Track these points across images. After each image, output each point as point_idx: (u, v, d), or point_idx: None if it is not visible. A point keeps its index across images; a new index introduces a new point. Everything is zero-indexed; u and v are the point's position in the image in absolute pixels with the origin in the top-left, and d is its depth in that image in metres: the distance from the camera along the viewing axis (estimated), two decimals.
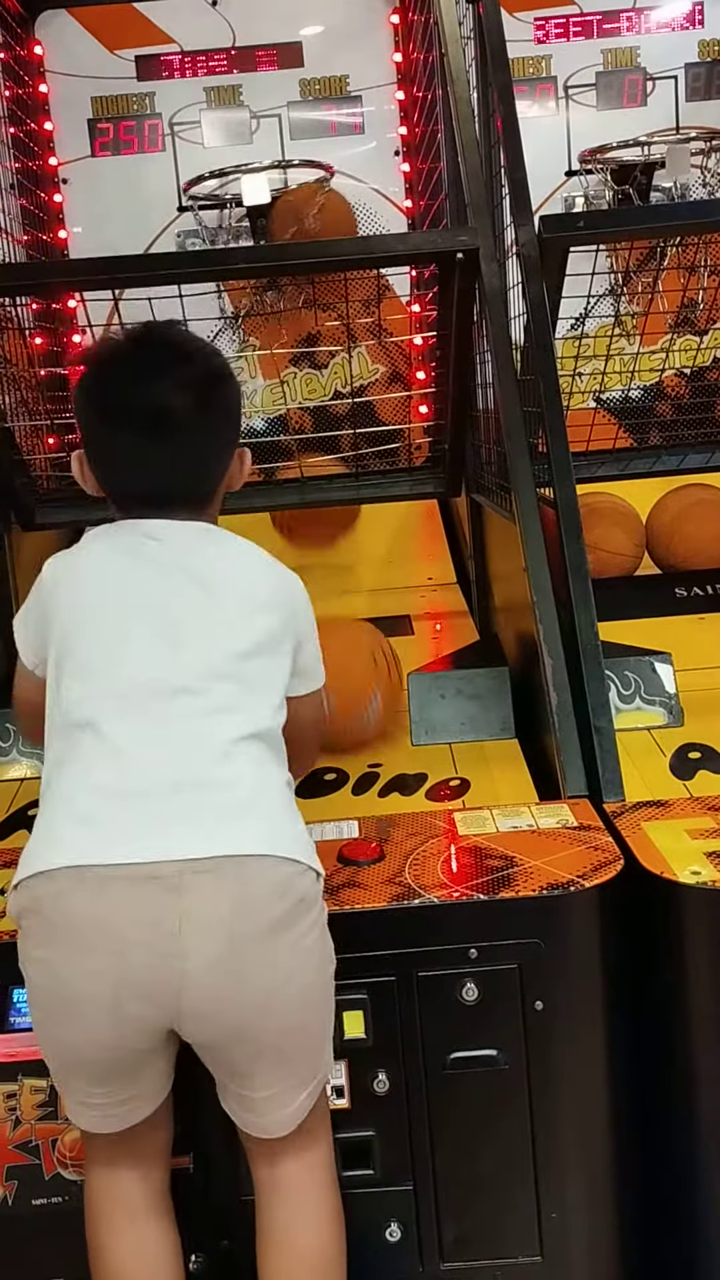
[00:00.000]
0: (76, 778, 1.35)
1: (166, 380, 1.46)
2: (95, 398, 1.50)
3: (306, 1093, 1.41)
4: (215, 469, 1.54)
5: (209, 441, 1.51)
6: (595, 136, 3.42)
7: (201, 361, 1.51)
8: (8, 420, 2.67)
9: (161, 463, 1.48)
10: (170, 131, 3.48)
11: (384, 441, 3.07)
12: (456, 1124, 1.60)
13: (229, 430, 1.54)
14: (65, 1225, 1.54)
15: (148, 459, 1.47)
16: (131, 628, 1.40)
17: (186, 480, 1.51)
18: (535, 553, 2.14)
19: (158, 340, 1.52)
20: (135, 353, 1.51)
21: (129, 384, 1.47)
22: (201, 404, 1.48)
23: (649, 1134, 1.66)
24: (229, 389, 1.54)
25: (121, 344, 1.53)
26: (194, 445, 1.49)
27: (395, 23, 3.49)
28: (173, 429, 1.46)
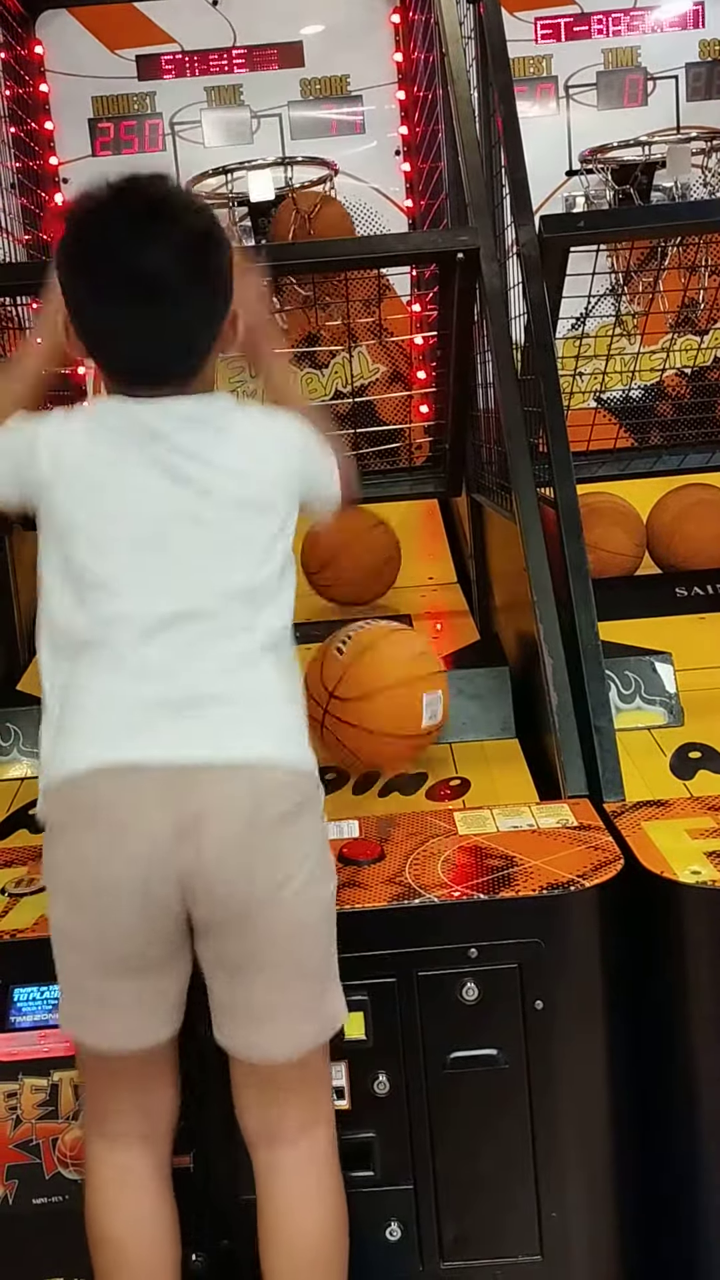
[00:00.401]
0: (94, 690, 1.39)
1: (151, 242, 1.37)
2: (76, 260, 1.42)
3: (307, 1026, 1.42)
4: (208, 337, 1.46)
5: (200, 308, 1.43)
6: (596, 136, 3.42)
7: (188, 219, 1.41)
8: None
9: (151, 333, 1.41)
10: (171, 131, 3.49)
11: (384, 441, 3.08)
12: (457, 1124, 1.61)
13: (221, 293, 1.45)
14: (65, 1224, 1.54)
15: (136, 329, 1.41)
16: (142, 553, 1.40)
17: (178, 351, 1.44)
18: (536, 552, 2.14)
19: (141, 196, 1.40)
20: (117, 210, 1.39)
21: (111, 247, 1.38)
22: (189, 267, 1.39)
23: (649, 1133, 1.66)
24: (218, 248, 1.43)
25: (103, 200, 1.40)
26: (185, 313, 1.41)
27: (396, 22, 3.50)
28: (160, 296, 1.38)
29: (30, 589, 2.99)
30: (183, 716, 1.37)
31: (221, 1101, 1.51)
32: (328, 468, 1.59)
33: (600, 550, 2.70)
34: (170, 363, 1.44)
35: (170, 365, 1.44)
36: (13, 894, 1.70)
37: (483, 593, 2.92)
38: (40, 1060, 1.57)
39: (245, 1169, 1.56)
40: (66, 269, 1.43)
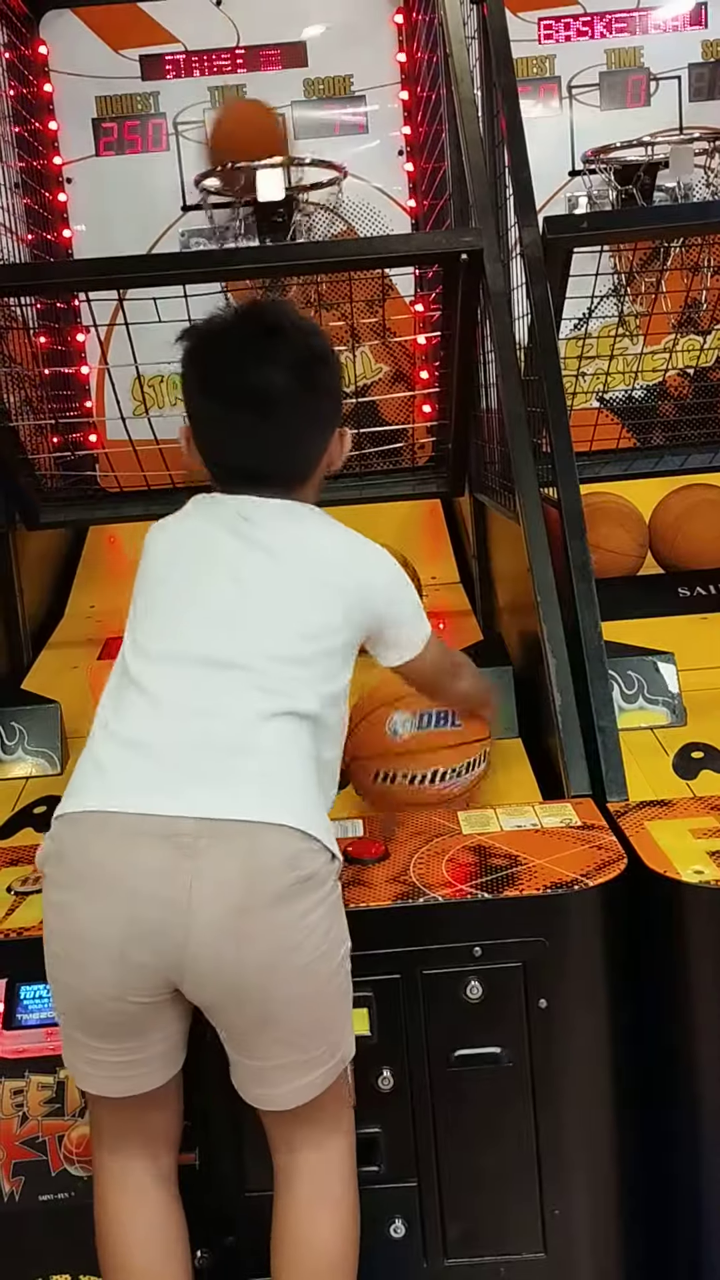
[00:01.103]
0: (115, 731, 1.41)
1: (268, 361, 1.48)
2: (199, 375, 1.53)
3: (319, 1073, 1.41)
4: (314, 449, 1.56)
5: (308, 422, 1.54)
6: (599, 136, 3.43)
7: (302, 341, 1.53)
8: (12, 419, 2.68)
9: (261, 442, 1.51)
10: (174, 131, 3.49)
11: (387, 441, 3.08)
12: (461, 1121, 1.61)
13: (329, 410, 1.56)
14: (71, 1221, 1.55)
15: (248, 438, 1.51)
16: (198, 598, 1.45)
17: (284, 459, 1.54)
18: (539, 552, 2.15)
19: (261, 319, 1.54)
20: (239, 331, 1.53)
21: (231, 364, 1.50)
22: (301, 384, 1.50)
23: (652, 1131, 1.66)
24: (329, 369, 1.55)
25: (227, 322, 1.54)
26: (293, 425, 1.52)
27: (399, 23, 3.50)
28: (273, 409, 1.49)
29: (33, 588, 3.02)
30: (196, 772, 1.36)
31: (225, 1099, 1.52)
32: (411, 613, 1.61)
33: (603, 550, 2.71)
34: (275, 468, 1.53)
35: (275, 471, 1.53)
36: (18, 892, 1.71)
37: (485, 592, 2.92)
38: (47, 1057, 1.58)
39: (249, 1166, 1.58)
40: (189, 383, 1.54)
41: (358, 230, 3.49)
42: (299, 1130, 1.45)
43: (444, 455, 2.94)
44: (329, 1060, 1.43)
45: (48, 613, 3.13)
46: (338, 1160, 1.47)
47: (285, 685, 1.41)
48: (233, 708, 1.39)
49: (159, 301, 2.32)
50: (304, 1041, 1.40)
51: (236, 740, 1.38)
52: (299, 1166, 1.45)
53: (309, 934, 1.37)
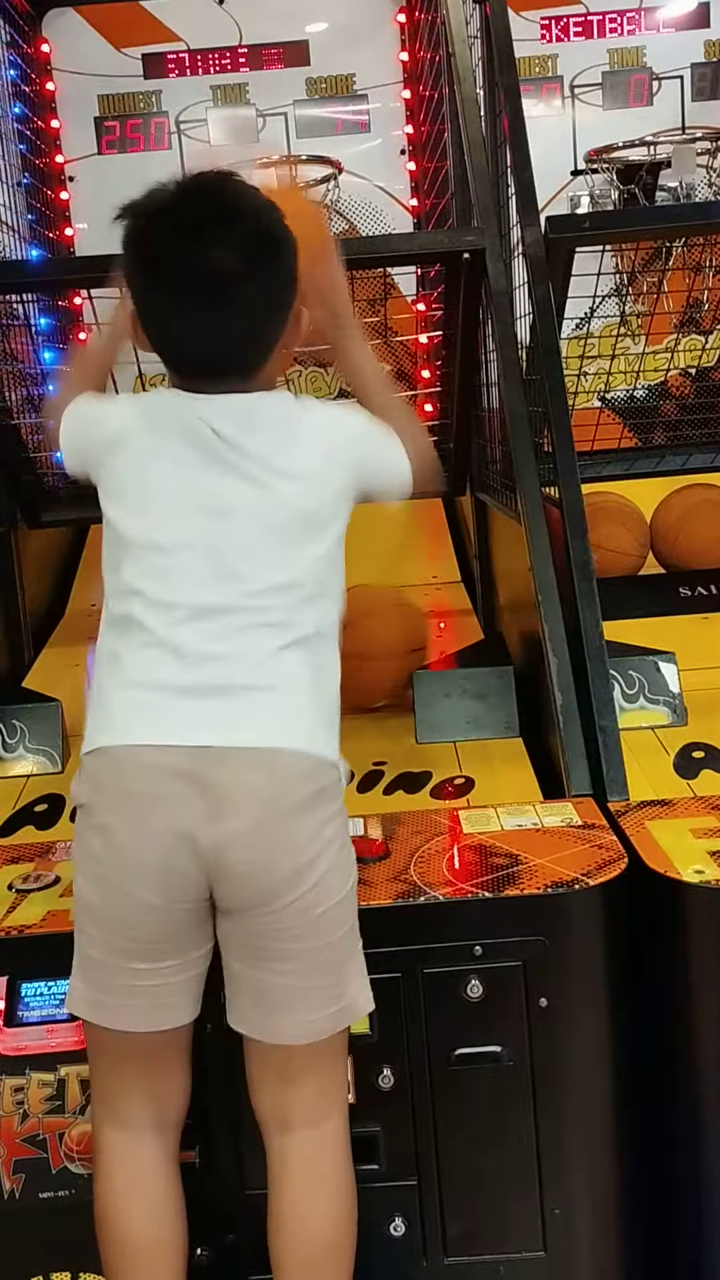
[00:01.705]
0: (131, 672, 1.43)
1: (218, 241, 1.40)
2: (141, 256, 1.45)
3: (323, 1014, 1.42)
4: (271, 333, 1.49)
5: (264, 306, 1.46)
6: (601, 136, 3.43)
7: (253, 218, 1.43)
8: (14, 417, 2.68)
9: (215, 329, 1.44)
10: (176, 129, 3.50)
11: None
12: (461, 1120, 1.61)
13: (285, 291, 1.48)
14: (72, 1218, 1.55)
15: (201, 324, 1.44)
16: (184, 544, 1.43)
17: (241, 345, 1.47)
18: (540, 552, 2.15)
19: (206, 194, 1.44)
20: (185, 209, 1.43)
21: (176, 244, 1.41)
22: (254, 266, 1.42)
23: (652, 1130, 1.67)
24: (283, 247, 1.46)
25: (170, 198, 1.44)
26: (248, 310, 1.44)
27: (402, 21, 3.50)
28: (225, 294, 1.41)
29: (35, 586, 3.02)
30: (209, 703, 1.40)
31: (227, 1097, 1.52)
32: (392, 452, 1.56)
33: (604, 550, 2.71)
34: (231, 359, 1.47)
35: (231, 362, 1.47)
36: (20, 890, 1.71)
37: (486, 592, 2.93)
38: (47, 1055, 1.58)
39: (250, 1163, 1.57)
40: (133, 267, 1.46)
41: (360, 229, 3.49)
42: (294, 1105, 1.45)
43: (445, 454, 2.94)
44: (334, 1002, 1.43)
45: (49, 611, 3.13)
46: (332, 1140, 1.47)
47: (286, 615, 1.43)
48: (243, 648, 1.42)
49: None
50: (315, 970, 1.41)
51: (252, 677, 1.41)
52: (293, 1146, 1.45)
53: (328, 844, 1.41)
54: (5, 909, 1.66)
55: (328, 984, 1.43)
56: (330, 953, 1.43)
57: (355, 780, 2.13)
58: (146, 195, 1.45)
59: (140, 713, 1.41)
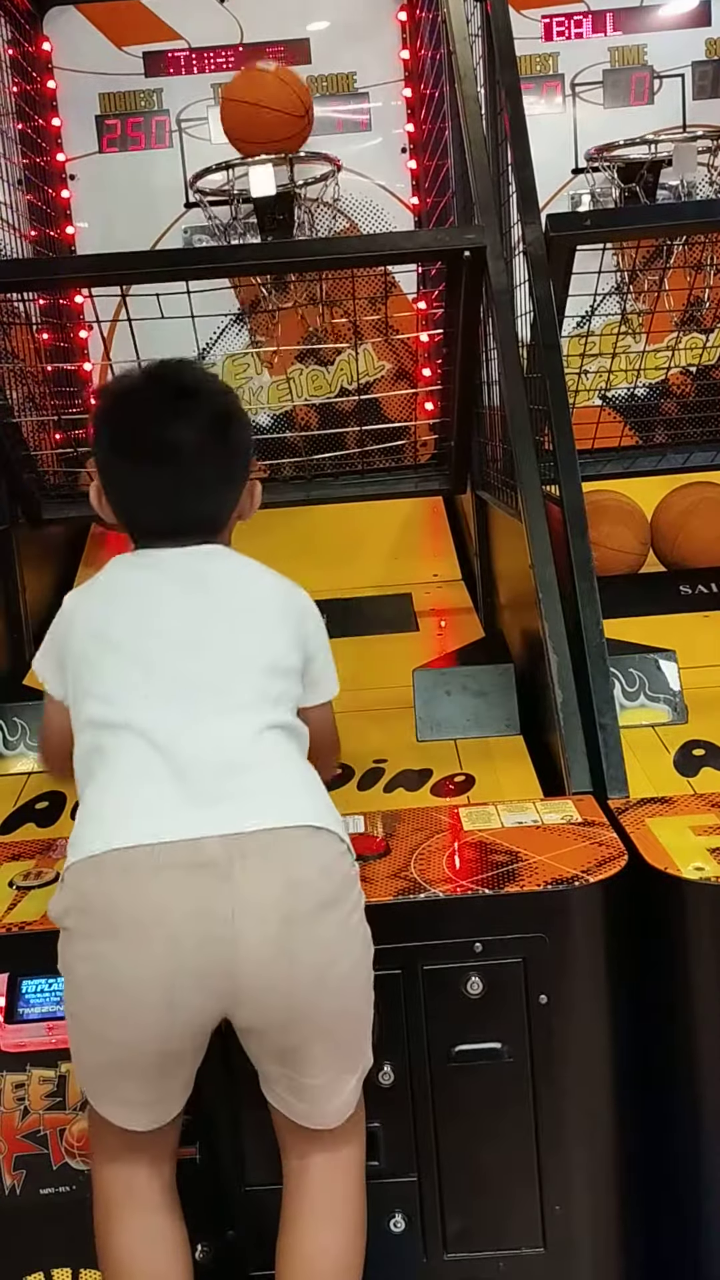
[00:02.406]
0: (116, 771, 1.39)
1: (181, 418, 1.52)
2: (111, 434, 1.56)
3: (354, 1081, 1.44)
4: (225, 503, 1.59)
5: (220, 478, 1.57)
6: (602, 134, 3.42)
7: (211, 401, 1.56)
8: (15, 415, 2.68)
9: (174, 497, 1.54)
10: (178, 128, 3.49)
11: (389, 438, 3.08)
12: (461, 1116, 1.62)
13: (239, 467, 1.60)
14: (72, 1214, 1.55)
15: (161, 493, 1.54)
16: (152, 640, 1.46)
17: (197, 514, 1.56)
18: (541, 550, 2.15)
19: (172, 379, 1.57)
20: (151, 391, 1.56)
21: (143, 423, 1.53)
22: (214, 440, 1.54)
23: (652, 1126, 1.67)
24: (239, 427, 1.59)
25: (136, 381, 1.58)
26: (205, 482, 1.55)
27: (403, 19, 3.49)
28: (185, 466, 1.52)
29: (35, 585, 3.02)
30: (209, 791, 1.36)
31: (227, 1094, 1.52)
32: (328, 661, 1.61)
33: (605, 548, 2.71)
34: (191, 523, 1.55)
35: (191, 525, 1.55)
36: (20, 887, 1.72)
37: (487, 590, 2.93)
38: (48, 1051, 1.59)
39: (250, 1160, 1.58)
40: (103, 443, 1.56)
41: (360, 227, 3.49)
42: (316, 1138, 1.45)
43: (446, 453, 2.94)
44: (360, 1069, 1.44)
45: (50, 609, 3.10)
46: (348, 1168, 1.46)
47: (263, 701, 1.45)
48: (224, 728, 1.41)
49: (162, 298, 2.32)
50: (347, 1050, 1.42)
51: (239, 758, 1.39)
52: (310, 1173, 1.45)
53: (352, 937, 1.40)
54: (6, 906, 1.67)
55: (353, 1063, 1.44)
56: (357, 1036, 1.44)
57: (356, 778, 2.13)
58: (115, 379, 1.60)
59: (121, 812, 1.37)
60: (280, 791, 1.40)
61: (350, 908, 1.40)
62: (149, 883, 1.30)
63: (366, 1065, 1.46)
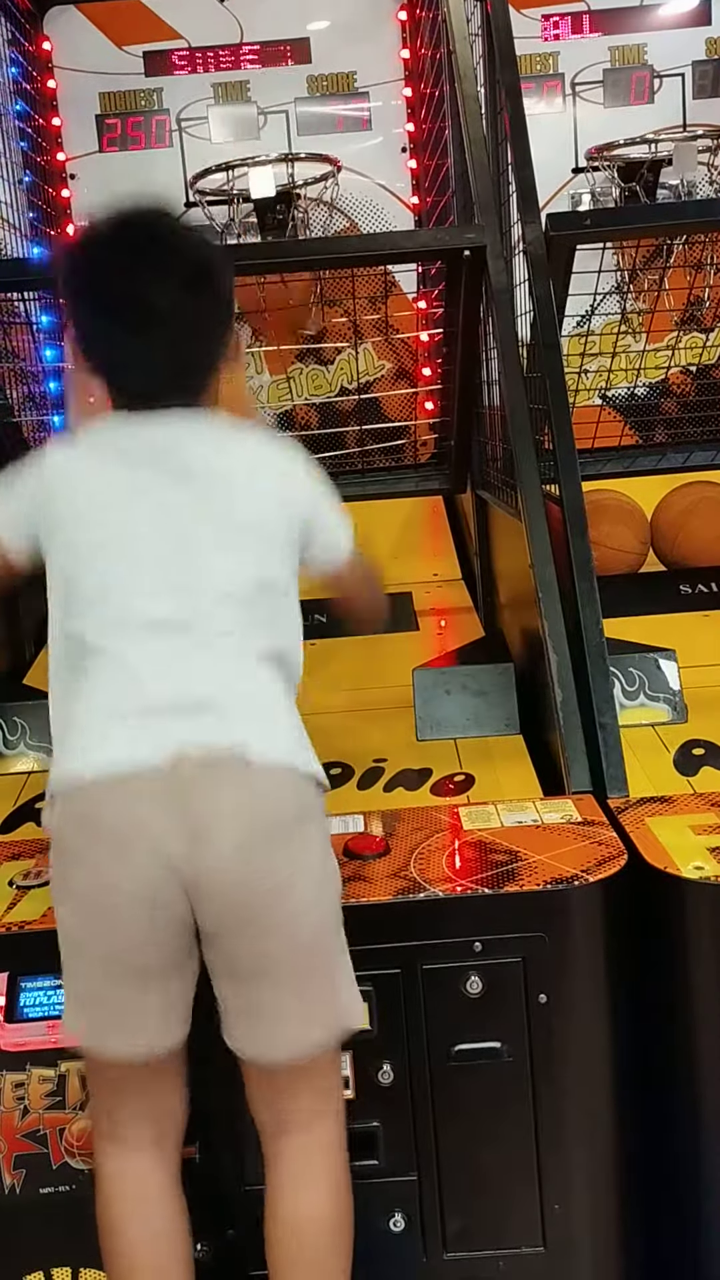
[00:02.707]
0: (94, 699, 1.41)
1: (159, 270, 1.43)
2: (82, 291, 1.48)
3: (317, 1028, 1.42)
4: (208, 360, 1.51)
5: (202, 334, 1.48)
6: (602, 134, 3.42)
7: (189, 250, 1.47)
8: (15, 415, 2.68)
9: (155, 356, 1.45)
10: (178, 127, 3.49)
11: (389, 438, 3.08)
12: (461, 1116, 1.62)
13: (222, 319, 1.51)
14: (72, 1213, 1.55)
15: (141, 352, 1.45)
16: (138, 559, 1.42)
17: (180, 373, 1.48)
18: (540, 549, 2.15)
19: (147, 227, 1.47)
20: (125, 241, 1.46)
21: (119, 279, 1.44)
22: (192, 295, 1.44)
23: (652, 1125, 1.67)
24: (221, 276, 1.49)
25: (105, 231, 1.47)
26: (186, 338, 1.46)
27: (403, 19, 3.50)
28: (163, 322, 1.43)
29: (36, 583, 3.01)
30: (181, 721, 1.37)
31: (226, 1092, 1.52)
32: (335, 517, 1.57)
33: (605, 547, 2.71)
34: (174, 383, 1.48)
35: (173, 386, 1.48)
36: (20, 886, 1.71)
37: (487, 589, 2.92)
38: (48, 1051, 1.59)
39: (250, 1159, 1.58)
40: (73, 299, 1.49)
41: (360, 226, 3.49)
42: (289, 1113, 1.45)
43: (446, 452, 2.94)
44: (327, 1015, 1.43)
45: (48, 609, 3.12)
46: (327, 1143, 1.46)
47: (240, 627, 1.42)
48: (201, 662, 1.40)
49: None
50: (305, 987, 1.41)
51: (217, 694, 1.39)
52: (288, 1151, 1.46)
53: (308, 862, 1.41)
54: (6, 905, 1.67)
55: (318, 998, 1.42)
56: (319, 965, 1.42)
57: (355, 777, 2.13)
58: (87, 228, 1.50)
59: (102, 742, 1.38)
60: (254, 724, 1.40)
61: (309, 835, 1.41)
62: (128, 800, 1.35)
63: (334, 1017, 1.44)
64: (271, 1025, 1.41)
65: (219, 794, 1.36)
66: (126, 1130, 1.46)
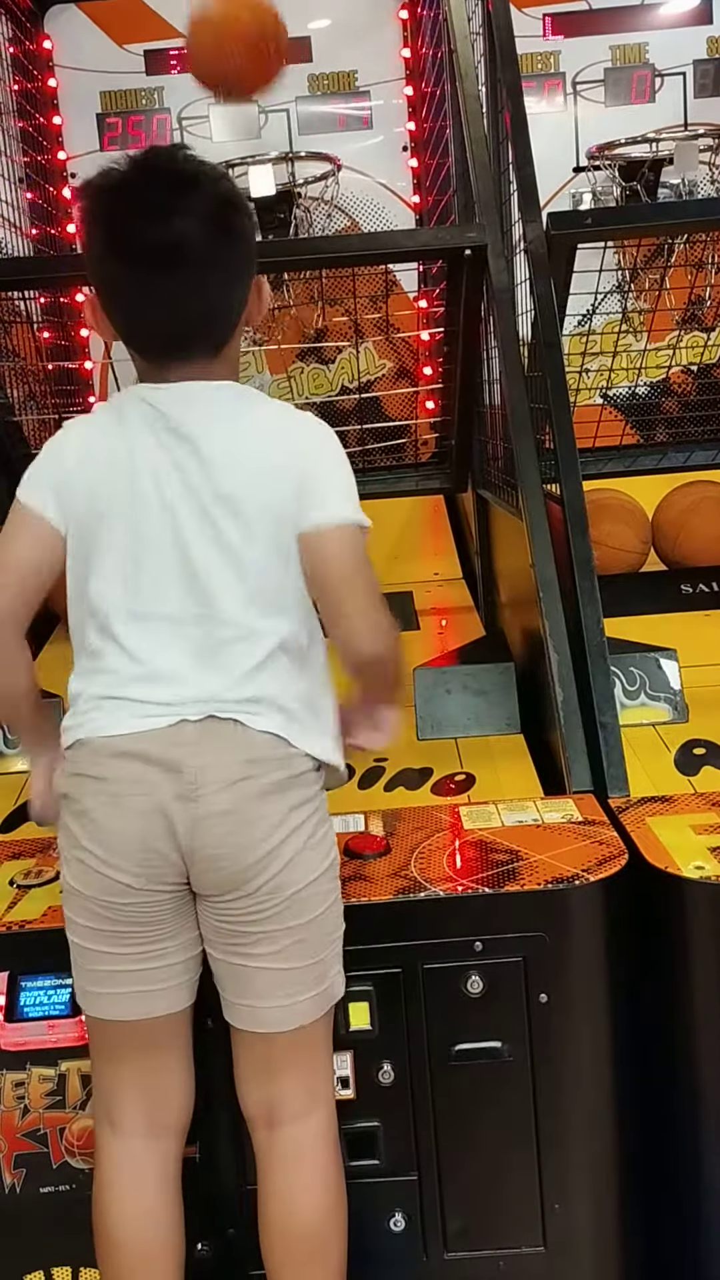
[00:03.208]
0: (105, 682, 1.44)
1: (178, 211, 1.38)
2: (102, 234, 1.43)
3: (305, 998, 1.43)
4: (233, 304, 1.46)
5: (225, 275, 1.43)
6: (603, 133, 3.42)
7: (210, 187, 1.41)
8: (15, 414, 2.68)
9: (177, 301, 1.41)
10: (178, 126, 3.49)
11: (390, 437, 3.08)
12: (461, 1115, 1.62)
13: (245, 260, 1.46)
14: (73, 1213, 1.55)
15: (161, 296, 1.41)
16: (150, 553, 1.42)
17: (204, 319, 1.44)
18: (541, 548, 2.15)
19: (166, 168, 1.43)
20: (143, 182, 1.42)
21: (138, 218, 1.39)
22: (216, 232, 1.40)
23: (653, 1125, 1.67)
24: (241, 214, 1.44)
25: (127, 172, 1.42)
26: (209, 281, 1.42)
27: (404, 18, 3.49)
28: (185, 264, 1.39)
29: None
30: (182, 693, 1.41)
31: (227, 1092, 1.52)
32: (337, 483, 1.46)
33: (606, 546, 2.71)
34: (197, 328, 1.44)
35: (197, 331, 1.44)
36: (21, 885, 1.72)
37: (488, 589, 2.92)
38: (48, 1050, 1.59)
39: (251, 1159, 1.57)
40: (92, 244, 1.44)
41: (361, 226, 3.48)
42: (279, 1100, 1.45)
43: (447, 451, 2.94)
44: (315, 985, 1.44)
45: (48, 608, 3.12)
46: (318, 1134, 1.46)
47: (253, 626, 1.42)
48: (212, 665, 1.41)
49: None
50: (293, 953, 1.41)
51: (223, 692, 1.41)
52: (279, 1141, 1.45)
53: (300, 829, 1.42)
54: (6, 904, 1.67)
55: (307, 966, 1.43)
56: (309, 935, 1.43)
57: (356, 777, 2.13)
58: (102, 174, 1.43)
59: (114, 711, 1.42)
60: (254, 700, 1.42)
61: (299, 801, 1.42)
62: (128, 758, 1.40)
63: (323, 987, 1.45)
64: (261, 993, 1.42)
65: (213, 756, 1.39)
66: (124, 1115, 1.46)
